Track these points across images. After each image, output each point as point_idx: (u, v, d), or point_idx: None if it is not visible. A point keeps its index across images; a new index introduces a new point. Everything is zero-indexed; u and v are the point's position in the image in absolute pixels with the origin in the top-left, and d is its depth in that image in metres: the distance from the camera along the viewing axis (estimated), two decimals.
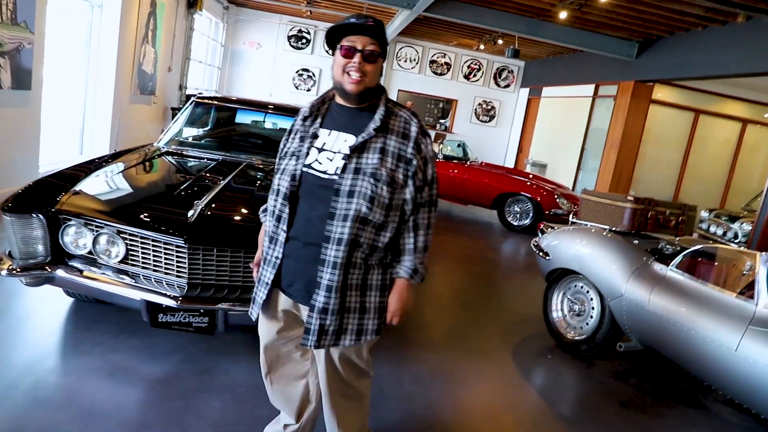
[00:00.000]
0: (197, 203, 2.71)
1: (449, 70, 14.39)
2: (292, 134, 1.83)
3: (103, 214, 2.62)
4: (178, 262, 2.57)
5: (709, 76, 8.02)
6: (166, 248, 2.56)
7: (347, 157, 1.66)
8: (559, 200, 7.87)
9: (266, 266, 1.78)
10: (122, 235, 2.60)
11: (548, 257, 4.02)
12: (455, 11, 8.60)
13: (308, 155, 1.71)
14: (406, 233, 1.75)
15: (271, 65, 13.35)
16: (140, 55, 7.53)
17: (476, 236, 7.69)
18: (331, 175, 1.66)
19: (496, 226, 8.37)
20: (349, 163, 1.65)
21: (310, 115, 1.78)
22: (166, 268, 2.59)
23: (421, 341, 3.61)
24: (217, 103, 4.47)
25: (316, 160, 1.70)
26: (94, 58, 6.78)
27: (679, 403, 3.32)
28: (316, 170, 1.69)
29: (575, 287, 3.86)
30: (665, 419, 3.11)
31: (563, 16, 7.99)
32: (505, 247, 7.39)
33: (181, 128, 4.13)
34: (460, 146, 9.53)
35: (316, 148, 1.72)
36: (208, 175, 3.27)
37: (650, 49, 9.02)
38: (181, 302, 2.51)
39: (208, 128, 4.50)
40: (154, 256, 2.59)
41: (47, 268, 2.60)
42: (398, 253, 1.78)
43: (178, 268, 2.58)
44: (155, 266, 2.61)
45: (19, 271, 2.56)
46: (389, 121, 1.71)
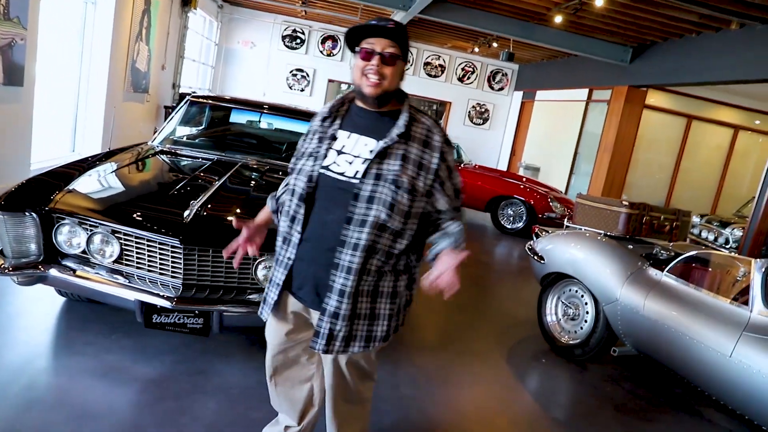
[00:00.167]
0: (193, 203, 2.69)
1: (443, 72, 14.42)
2: (310, 135, 1.80)
3: (97, 213, 2.59)
4: (173, 262, 2.54)
5: (702, 82, 8.09)
6: (161, 248, 2.53)
7: (368, 162, 1.63)
8: (552, 204, 7.90)
9: (278, 267, 1.76)
10: (117, 234, 2.57)
11: (543, 261, 4.02)
12: (450, 13, 8.61)
13: (326, 157, 1.69)
14: (448, 229, 1.71)
15: (264, 65, 13.30)
16: (134, 52, 7.47)
17: (469, 239, 7.66)
18: (349, 178, 1.64)
19: (489, 229, 8.39)
20: (370, 168, 1.62)
21: (329, 116, 1.76)
22: (160, 268, 2.57)
23: (415, 344, 3.60)
24: (212, 102, 4.44)
25: (334, 162, 1.67)
26: (87, 54, 6.71)
27: (672, 408, 3.34)
28: (334, 172, 1.66)
29: (569, 291, 3.87)
30: (659, 424, 3.12)
31: (558, 20, 8.03)
32: (498, 250, 7.41)
33: (175, 127, 4.10)
34: (453, 148, 9.54)
35: (334, 150, 1.69)
36: (203, 175, 3.24)
37: (644, 54, 9.09)
38: (175, 303, 2.48)
39: (202, 128, 4.47)
40: (148, 256, 2.57)
41: (40, 267, 2.56)
42: (419, 256, 1.78)
43: (173, 268, 2.55)
44: (150, 266, 2.58)
45: (11, 269, 2.52)
46: (411, 128, 1.68)
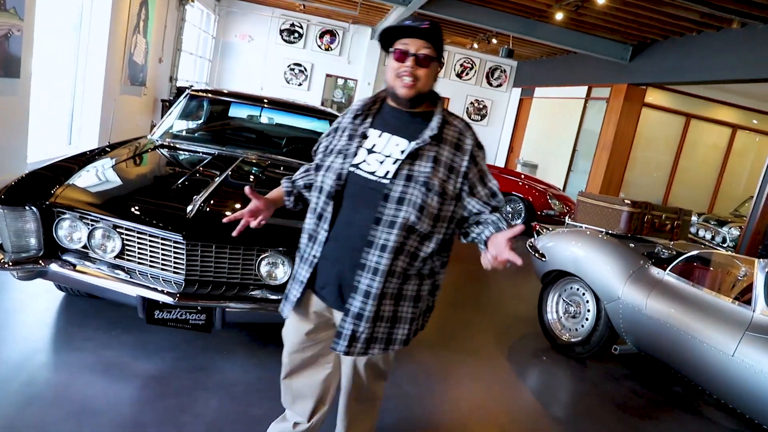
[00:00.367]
0: (195, 198, 2.66)
1: (441, 68, 14.36)
2: (339, 131, 1.77)
3: (98, 207, 2.56)
4: (175, 258, 2.51)
5: (702, 81, 8.09)
6: (163, 244, 2.50)
7: (399, 162, 1.61)
8: (551, 201, 7.90)
9: (303, 264, 1.73)
10: (118, 229, 2.54)
11: (544, 259, 4.02)
12: (451, 9, 8.57)
13: (356, 155, 1.66)
14: (488, 218, 1.66)
15: (262, 59, 13.23)
16: (131, 45, 7.40)
17: None
18: (380, 178, 1.61)
19: None
20: (401, 169, 1.60)
21: (361, 113, 1.74)
22: (163, 263, 2.54)
23: (415, 341, 3.57)
24: (212, 96, 4.40)
25: (364, 161, 1.65)
26: (84, 47, 6.64)
27: (673, 406, 3.34)
28: (364, 171, 1.64)
29: (571, 289, 3.86)
30: (660, 423, 3.12)
31: (559, 17, 8.01)
32: None
33: (175, 121, 4.06)
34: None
35: (365, 148, 1.67)
36: (204, 170, 3.21)
37: (644, 52, 9.08)
38: (178, 299, 2.46)
39: (203, 122, 4.43)
40: (150, 251, 2.54)
41: (40, 262, 2.53)
42: (444, 261, 1.76)
43: (175, 264, 2.52)
44: (152, 262, 2.55)
45: (11, 264, 2.49)
46: (443, 130, 1.66)
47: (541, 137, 13.02)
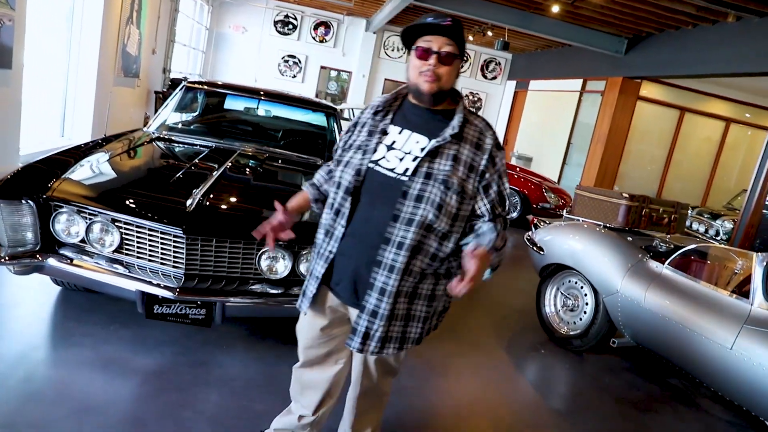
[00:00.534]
0: (195, 192, 2.63)
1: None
2: (358, 126, 1.75)
3: (97, 201, 2.53)
4: (175, 252, 2.49)
5: (697, 74, 8.11)
6: (163, 238, 2.48)
7: (419, 159, 1.60)
8: (546, 194, 7.91)
9: (318, 260, 1.72)
10: (117, 223, 2.51)
11: (542, 252, 4.02)
12: (447, 1, 8.53)
13: (376, 151, 1.65)
14: (483, 228, 1.62)
15: (256, 50, 13.13)
16: (124, 36, 7.31)
17: None
18: (399, 175, 1.60)
19: None
20: (420, 166, 1.59)
21: (381, 109, 1.72)
22: (162, 258, 2.51)
23: None
24: (208, 88, 4.35)
25: (383, 157, 1.63)
26: (76, 37, 6.55)
27: (670, 398, 3.37)
28: (383, 167, 1.62)
29: (569, 282, 3.87)
30: (658, 415, 3.14)
31: (555, 9, 7.99)
32: None
33: (171, 114, 4.02)
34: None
35: (384, 145, 1.66)
36: (202, 163, 3.18)
37: (639, 45, 9.09)
38: (178, 294, 2.43)
39: (199, 114, 4.39)
40: (150, 245, 2.51)
41: (38, 256, 2.49)
42: (460, 263, 1.67)
43: (174, 258, 2.50)
44: (151, 256, 2.53)
45: (7, 259, 2.45)
46: (464, 129, 1.65)
47: (535, 130, 13.04)
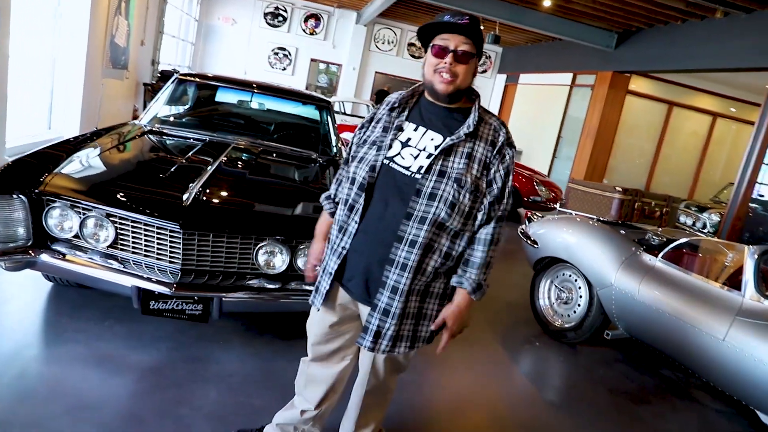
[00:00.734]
0: (191, 186, 2.60)
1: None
2: (374, 122, 1.74)
3: (91, 196, 2.49)
4: (171, 247, 2.46)
5: (685, 69, 8.18)
6: (159, 233, 2.45)
7: (433, 157, 1.59)
8: (537, 187, 7.94)
9: (332, 256, 1.71)
10: (111, 218, 2.47)
11: (536, 245, 4.04)
12: None
13: (391, 147, 1.64)
14: (475, 245, 1.66)
15: (246, 42, 13.00)
16: (113, 27, 7.18)
17: None
18: (413, 172, 1.59)
19: None
20: (434, 164, 1.58)
21: (398, 106, 1.71)
22: (158, 253, 2.48)
23: None
24: (201, 81, 4.29)
25: (398, 154, 1.63)
26: (64, 28, 6.42)
27: (663, 389, 3.41)
28: (398, 164, 1.61)
29: (563, 276, 3.89)
30: (651, 406, 3.18)
31: (547, 4, 8.00)
32: None
33: (164, 106, 3.97)
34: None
35: (399, 141, 1.65)
36: (196, 156, 3.14)
37: (629, 40, 9.13)
38: (175, 289, 2.41)
39: (192, 107, 4.33)
40: (145, 240, 2.48)
41: (30, 252, 2.45)
42: (460, 262, 1.70)
43: (171, 253, 2.47)
44: (146, 251, 2.50)
45: None
46: (479, 127, 1.64)
47: (525, 124, 13.07)
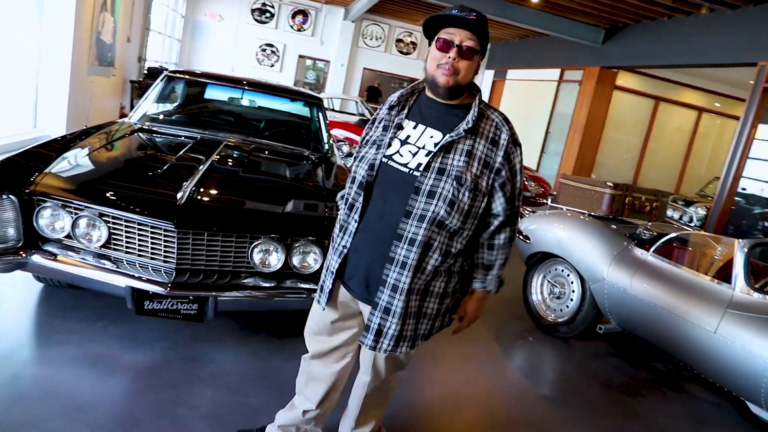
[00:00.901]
0: (185, 185, 2.58)
1: (415, 49, 14.30)
2: (376, 122, 1.74)
3: (83, 195, 2.45)
4: (165, 246, 2.44)
5: (671, 65, 8.27)
6: (153, 232, 2.42)
7: (432, 154, 1.57)
8: (527, 183, 7.98)
9: (333, 254, 1.72)
10: (104, 218, 2.44)
11: (528, 241, 4.06)
12: None
13: (390, 146, 1.63)
14: (494, 250, 1.69)
15: (233, 39, 12.90)
16: (98, 23, 7.09)
17: None
18: (412, 170, 1.58)
19: None
20: (433, 161, 1.57)
21: (397, 104, 1.70)
22: (152, 252, 2.46)
23: None
24: (191, 77, 4.25)
25: (397, 152, 1.62)
26: (48, 24, 6.33)
27: (655, 382, 3.45)
28: (396, 162, 1.61)
29: (555, 270, 3.92)
30: (644, 398, 3.22)
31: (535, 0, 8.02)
32: None
33: (154, 104, 3.92)
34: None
35: (399, 139, 1.64)
36: (188, 155, 3.11)
37: (616, 36, 9.20)
38: (170, 289, 2.39)
39: (183, 105, 4.29)
40: (139, 240, 2.45)
41: (21, 253, 2.42)
42: (473, 262, 1.74)
43: (165, 253, 2.45)
44: (140, 251, 2.47)
45: None
46: (480, 123, 1.62)
47: (513, 119, 12.77)
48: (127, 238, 2.46)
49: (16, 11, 5.90)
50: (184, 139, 3.45)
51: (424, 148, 1.60)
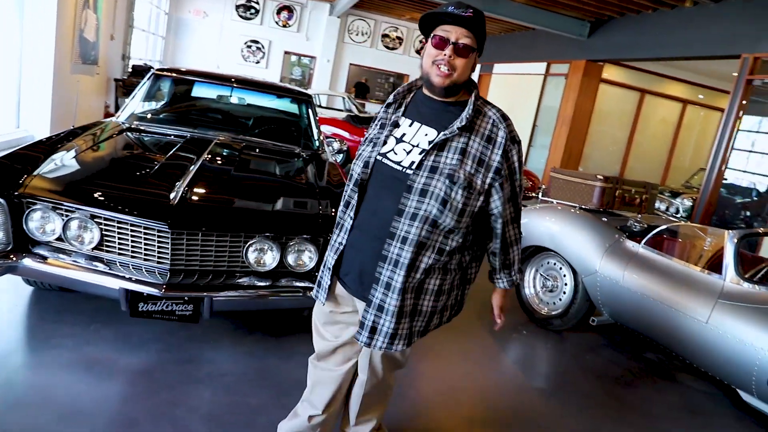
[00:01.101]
0: (178, 185, 2.55)
1: (401, 44, 14.28)
2: (375, 121, 1.74)
3: (73, 197, 2.42)
4: (159, 247, 2.41)
5: (656, 57, 8.34)
6: (146, 233, 2.40)
7: (425, 153, 1.56)
8: None
9: (330, 251, 1.73)
10: (96, 219, 2.41)
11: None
12: None
13: (385, 144, 1.63)
14: (510, 248, 1.73)
15: (217, 36, 12.78)
16: (81, 21, 6.97)
17: None
18: (405, 168, 1.57)
19: None
20: (425, 159, 1.55)
21: (393, 102, 1.69)
22: (145, 254, 2.43)
23: None
24: (178, 75, 4.20)
25: (392, 150, 1.61)
26: (30, 22, 6.20)
27: (648, 373, 3.50)
28: (390, 160, 1.60)
29: (548, 264, 3.95)
30: (638, 389, 3.26)
31: None
32: None
33: (141, 103, 3.87)
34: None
35: (394, 137, 1.63)
36: (179, 154, 3.08)
37: (601, 29, 9.26)
38: (165, 290, 2.37)
39: (171, 103, 4.24)
40: (132, 241, 2.42)
41: (11, 257, 2.38)
42: (472, 258, 1.77)
43: (159, 253, 2.42)
44: (134, 252, 2.44)
45: None
46: (476, 120, 1.58)
47: None
48: (119, 239, 2.43)
49: None
50: (173, 138, 3.42)
51: (418, 146, 1.59)
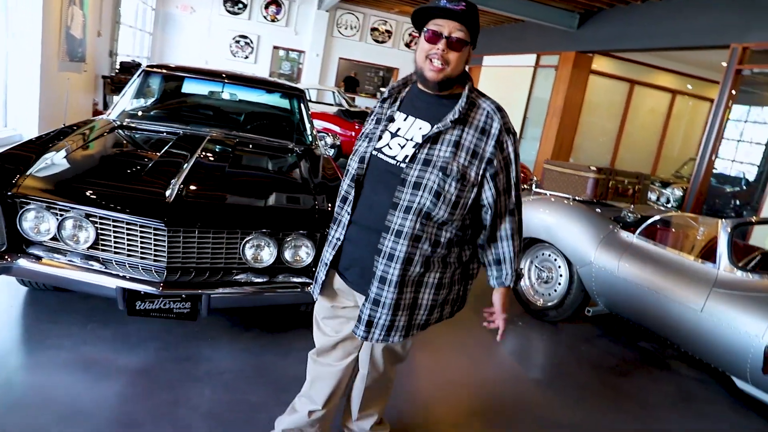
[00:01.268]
0: (173, 182, 2.53)
1: (390, 37, 14.23)
2: (371, 116, 1.74)
3: (68, 196, 2.39)
4: (155, 245, 2.40)
5: (645, 48, 8.37)
6: (142, 231, 2.38)
7: (418, 146, 1.57)
8: None
9: (327, 246, 1.73)
10: (91, 218, 2.39)
11: None
12: None
13: (380, 139, 1.63)
14: (498, 242, 1.67)
15: (206, 31, 12.66)
16: (68, 17, 6.88)
17: None
18: (399, 162, 1.58)
19: None
20: (419, 153, 1.55)
21: (389, 97, 1.70)
22: (142, 252, 2.42)
23: None
24: (169, 72, 4.16)
25: (387, 144, 1.61)
26: (15, 19, 6.11)
27: (642, 362, 3.53)
28: (385, 155, 1.60)
29: (542, 255, 3.97)
30: (634, 378, 3.29)
31: None
32: None
33: (132, 100, 3.83)
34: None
35: (389, 132, 1.63)
36: (173, 151, 3.06)
37: (591, 20, 9.28)
38: (162, 288, 2.36)
39: (162, 100, 4.20)
40: (128, 240, 2.41)
41: (6, 257, 2.35)
42: (492, 263, 1.73)
43: (155, 251, 2.41)
44: (130, 251, 2.43)
45: None
46: (470, 112, 1.59)
47: None
48: (115, 238, 2.41)
49: None
50: (166, 135, 3.39)
51: (412, 140, 1.60)
